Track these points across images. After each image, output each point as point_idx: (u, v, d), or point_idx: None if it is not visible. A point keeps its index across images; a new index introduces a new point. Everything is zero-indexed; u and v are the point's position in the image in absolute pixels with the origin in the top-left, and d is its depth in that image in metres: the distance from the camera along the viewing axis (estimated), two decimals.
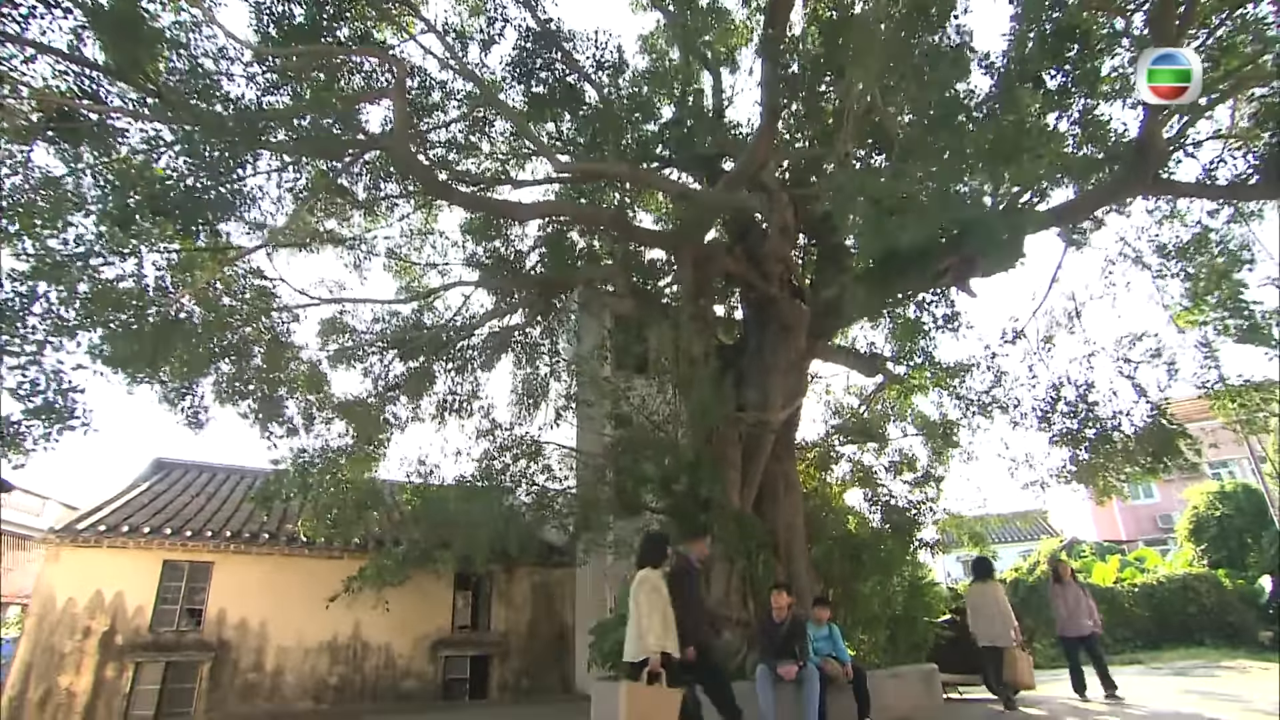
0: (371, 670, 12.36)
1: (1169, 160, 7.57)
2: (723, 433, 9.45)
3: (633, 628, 5.75)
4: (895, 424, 12.47)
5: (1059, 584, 9.48)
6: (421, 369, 13.27)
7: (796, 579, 9.10)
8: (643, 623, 5.63)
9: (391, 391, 13.13)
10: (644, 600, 5.73)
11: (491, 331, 14.01)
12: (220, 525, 12.26)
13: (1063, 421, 10.16)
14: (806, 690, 7.04)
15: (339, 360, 12.70)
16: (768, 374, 9.64)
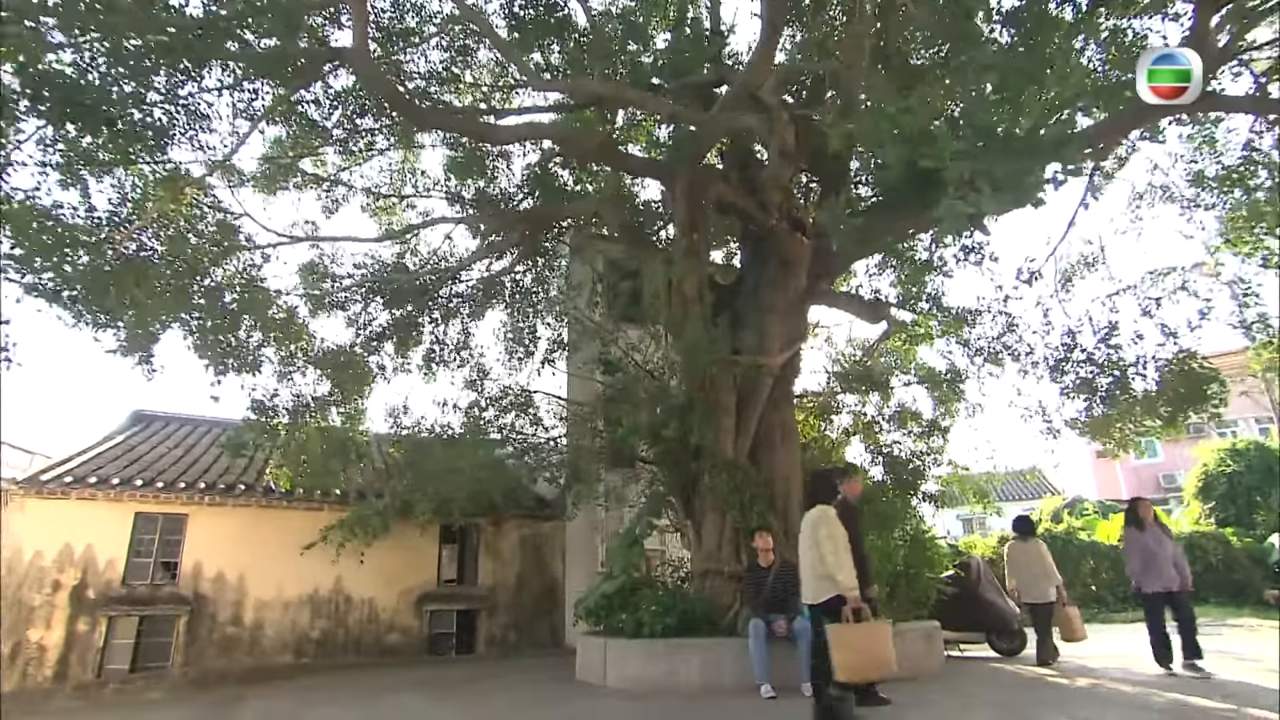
0: (355, 624, 12.02)
1: (1217, 71, 6.81)
2: (716, 377, 8.86)
3: (816, 567, 5.39)
4: (899, 375, 11.90)
5: (1137, 528, 7.88)
6: (406, 317, 12.69)
7: (794, 534, 8.60)
8: (829, 560, 5.29)
9: (375, 340, 12.56)
10: (827, 537, 5.38)
11: (480, 278, 13.39)
12: (195, 476, 11.78)
13: (1077, 370, 9.56)
14: (801, 646, 6.57)
15: (319, 307, 12.10)
16: (765, 315, 9.02)
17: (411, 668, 11.10)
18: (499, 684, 8.66)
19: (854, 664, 5.17)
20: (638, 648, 7.50)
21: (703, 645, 7.21)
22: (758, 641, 6.62)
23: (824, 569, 5.35)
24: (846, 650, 5.17)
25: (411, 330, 12.92)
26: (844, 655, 5.18)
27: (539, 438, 11.81)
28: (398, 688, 8.88)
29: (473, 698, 7.68)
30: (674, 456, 8.84)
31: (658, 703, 6.64)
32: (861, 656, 5.14)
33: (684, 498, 9.05)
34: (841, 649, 5.20)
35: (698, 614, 7.62)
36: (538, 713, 6.69)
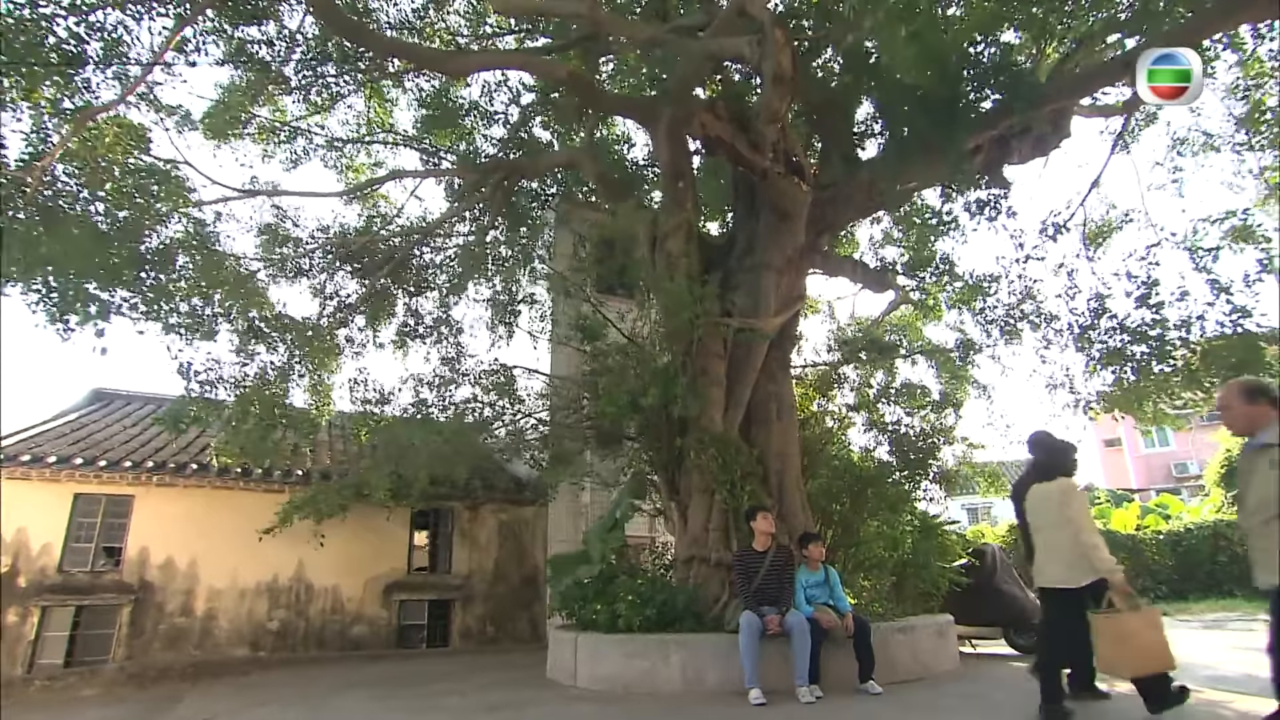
0: (317, 615, 11.14)
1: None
2: (705, 342, 7.93)
3: (1071, 547, 4.51)
4: (909, 348, 10.95)
5: None
6: (377, 288, 11.76)
7: (790, 516, 7.70)
8: (1084, 538, 4.47)
9: (344, 311, 11.64)
10: (1079, 512, 4.56)
11: (458, 246, 12.45)
12: (146, 455, 10.87)
13: (1106, 338, 8.60)
14: (796, 645, 5.66)
15: (280, 273, 11.16)
16: (760, 273, 8.07)
17: (376, 662, 10.25)
18: (460, 683, 7.77)
19: (1128, 658, 4.27)
20: (612, 643, 6.60)
21: (685, 641, 6.31)
22: (748, 638, 5.71)
23: (1080, 549, 4.47)
24: (1119, 643, 4.29)
25: (384, 301, 12.00)
26: (1116, 649, 4.32)
27: (519, 412, 10.88)
28: (349, 686, 8.01)
29: (424, 700, 6.79)
30: (656, 431, 7.92)
31: (630, 707, 5.75)
32: (1138, 649, 4.23)
33: (668, 477, 8.14)
34: (1113, 641, 4.32)
35: (680, 606, 6.72)
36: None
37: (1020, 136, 8.24)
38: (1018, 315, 9.58)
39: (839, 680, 5.91)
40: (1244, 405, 3.19)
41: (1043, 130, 7.75)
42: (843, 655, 5.97)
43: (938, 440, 8.89)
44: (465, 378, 11.19)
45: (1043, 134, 8.13)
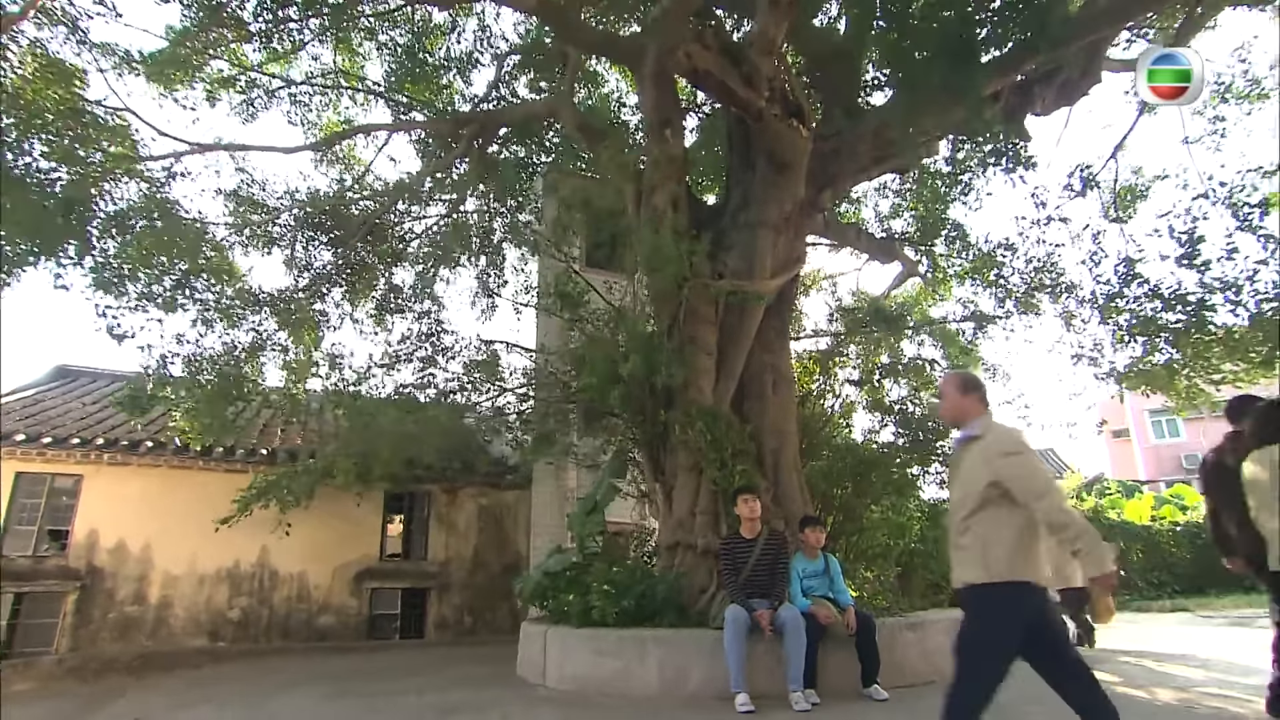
0: (281, 603, 10.43)
1: None
2: (693, 307, 7.17)
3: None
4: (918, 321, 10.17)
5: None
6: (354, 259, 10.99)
7: (786, 499, 6.95)
8: None
9: (319, 283, 10.88)
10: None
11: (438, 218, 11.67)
12: (96, 433, 10.13)
13: (1135, 307, 7.82)
14: (790, 643, 4.92)
15: (249, 243, 10.39)
16: (755, 231, 7.29)
17: (343, 654, 9.55)
18: (422, 680, 7.07)
19: None
20: (583, 639, 5.86)
21: (665, 637, 5.57)
22: (734, 635, 4.97)
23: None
24: None
25: (361, 273, 11.22)
26: None
27: (501, 388, 10.12)
28: (304, 681, 7.33)
29: (378, 698, 6.08)
30: (638, 404, 7.15)
31: (597, 713, 5.02)
32: None
33: (652, 455, 7.40)
34: None
35: (661, 597, 5.97)
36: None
37: (1045, 82, 7.44)
38: (1036, 285, 8.78)
39: (839, 684, 5.17)
40: (957, 396, 3.10)
41: (1071, 72, 6.94)
42: (843, 655, 5.22)
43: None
44: (446, 354, 10.46)
45: (1069, 78, 7.32)
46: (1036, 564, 2.83)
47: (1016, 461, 2.81)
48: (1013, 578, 2.79)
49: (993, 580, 2.81)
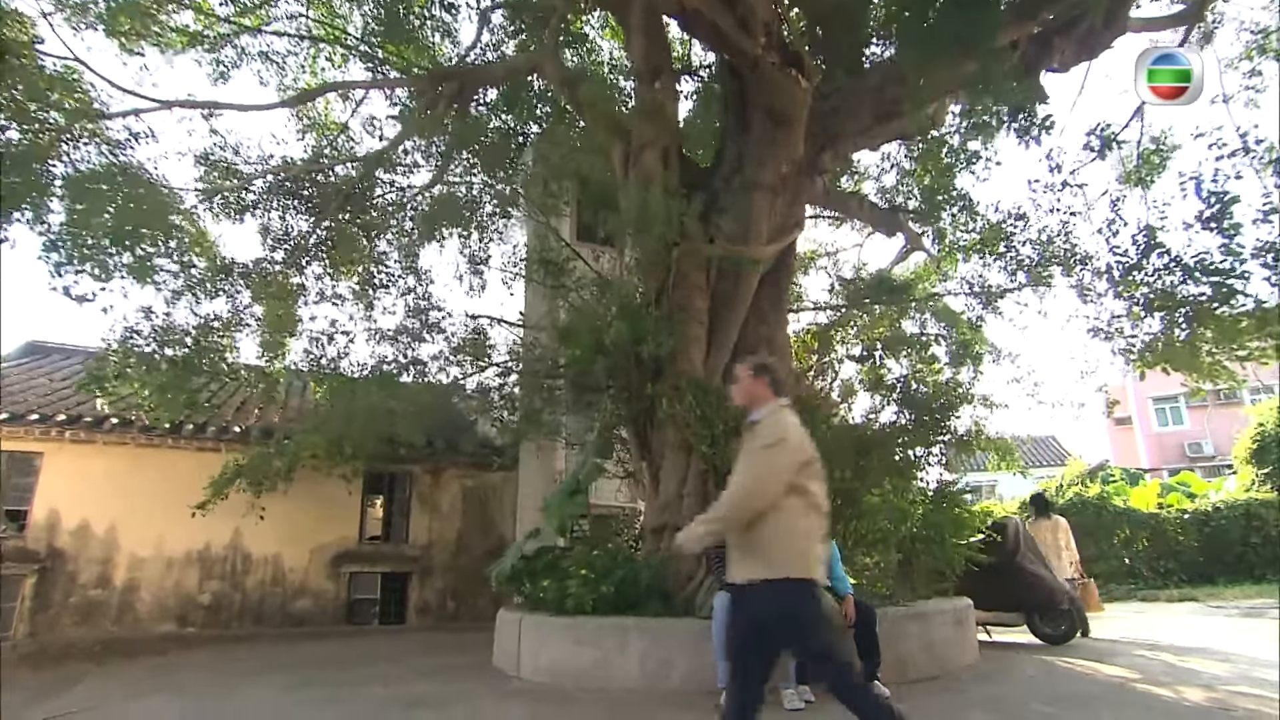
0: (255, 587, 10.00)
1: None
2: (684, 273, 6.68)
3: None
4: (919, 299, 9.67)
5: None
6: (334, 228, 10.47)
7: None
8: None
9: (297, 255, 10.37)
10: None
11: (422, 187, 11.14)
12: (59, 409, 9.65)
13: (1154, 280, 7.33)
14: None
15: (223, 211, 9.87)
16: (750, 193, 6.78)
17: (318, 641, 9.13)
18: (395, 668, 6.64)
19: None
20: (560, 628, 5.43)
21: (647, 627, 5.13)
22: (722, 626, 4.52)
23: None
24: None
25: (342, 244, 10.69)
26: None
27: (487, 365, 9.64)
28: (270, 669, 6.91)
29: (342, 689, 5.65)
30: (624, 376, 6.67)
31: (571, 709, 4.58)
32: None
33: (638, 432, 6.92)
34: None
35: (644, 584, 5.52)
36: (402, 718, 4.63)
37: (1064, 33, 6.90)
38: (1048, 256, 8.28)
39: None
40: (748, 379, 3.04)
41: (1094, 19, 6.41)
42: (843, 649, 4.77)
43: (954, 398, 7.63)
44: (431, 329, 10.00)
45: (1092, 28, 6.79)
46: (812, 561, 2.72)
47: (757, 456, 2.75)
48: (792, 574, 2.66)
49: (774, 577, 2.67)
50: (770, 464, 2.74)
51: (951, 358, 8.18)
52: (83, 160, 8.46)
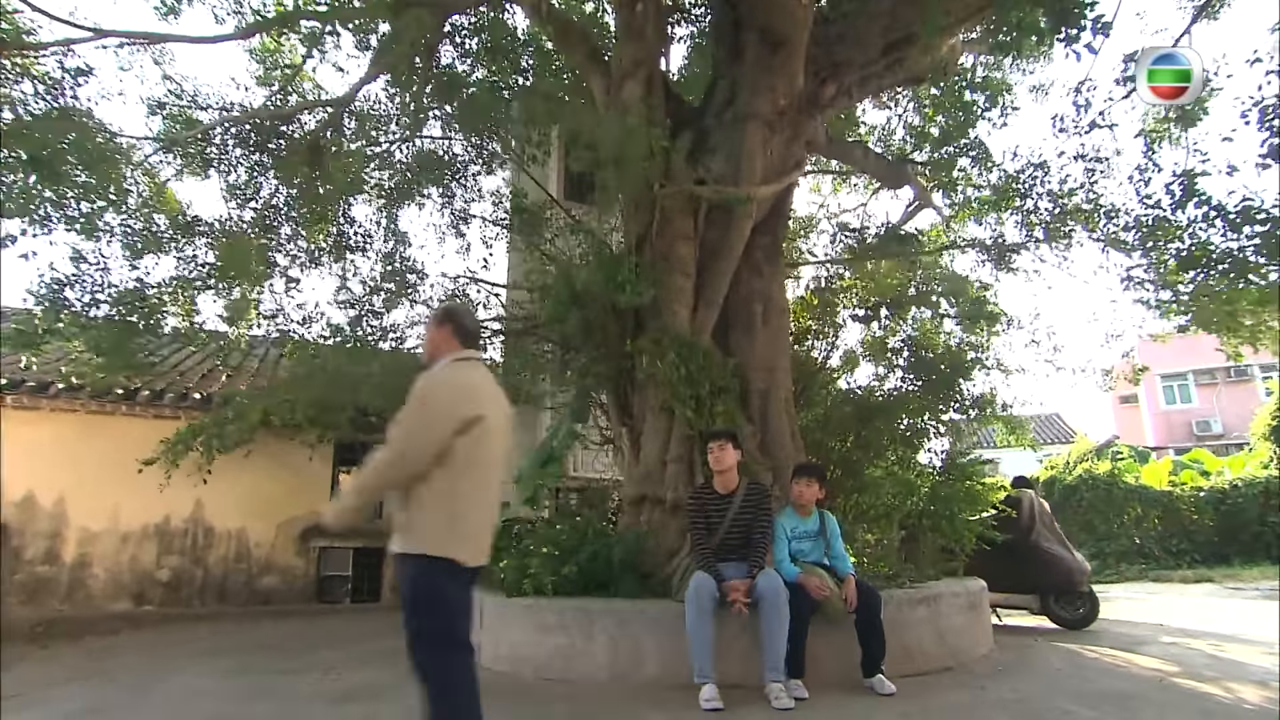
0: (217, 563, 9.41)
1: None
2: (668, 218, 5.98)
3: None
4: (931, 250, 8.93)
5: None
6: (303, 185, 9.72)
7: (775, 447, 5.83)
8: None
9: (263, 213, 9.64)
10: None
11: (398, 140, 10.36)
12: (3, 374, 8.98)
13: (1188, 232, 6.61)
14: (769, 620, 3.84)
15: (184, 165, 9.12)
16: (744, 126, 6.04)
17: (282, 620, 8.56)
18: (345, 653, 6.06)
19: None
20: (520, 611, 4.79)
21: (618, 611, 4.49)
22: (699, 611, 3.89)
23: None
24: None
25: (313, 204, 9.94)
26: None
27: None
28: (218, 652, 6.35)
29: (277, 678, 5.04)
30: (602, 331, 5.99)
31: (524, 707, 3.95)
32: None
33: (618, 394, 6.26)
34: None
35: (616, 562, 4.88)
36: (325, 714, 4.03)
37: None
38: (1071, 209, 7.55)
39: (833, 673, 4.11)
40: (434, 329, 2.69)
41: None
42: (840, 637, 4.15)
43: (966, 362, 6.96)
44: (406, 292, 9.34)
45: None
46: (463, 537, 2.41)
47: (407, 413, 2.38)
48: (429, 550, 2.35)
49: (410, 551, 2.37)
50: (420, 421, 2.38)
51: (963, 319, 7.48)
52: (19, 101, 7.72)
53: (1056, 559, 6.76)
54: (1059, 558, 6.77)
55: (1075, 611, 6.81)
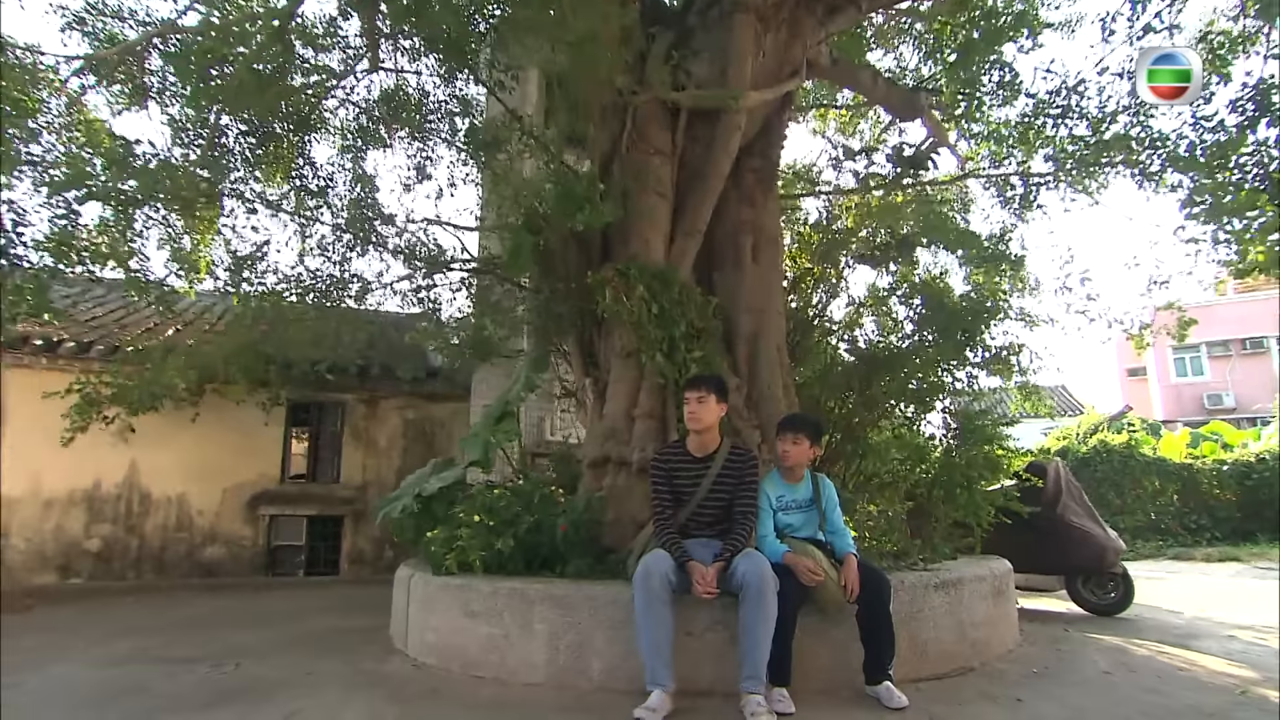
0: (155, 532, 8.58)
1: None
2: (642, 130, 5.01)
3: None
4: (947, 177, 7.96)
5: None
6: (255, 122, 8.69)
7: (764, 403, 4.93)
8: None
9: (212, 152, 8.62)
10: None
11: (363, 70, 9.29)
12: None
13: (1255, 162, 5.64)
14: (749, 612, 2.95)
15: (118, 95, 8.08)
16: (732, 21, 5.04)
17: (222, 594, 7.75)
18: (262, 636, 5.20)
19: None
20: (450, 592, 3.92)
21: (559, 595, 3.59)
22: (650, 598, 3.00)
23: None
24: None
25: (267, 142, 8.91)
26: None
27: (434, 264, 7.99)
28: (119, 635, 5.48)
29: (168, 668, 4.18)
30: (564, 265, 5.05)
31: (442, 711, 3.09)
32: None
33: (582, 339, 5.34)
34: None
35: (564, 537, 3.99)
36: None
37: None
38: (1114, 139, 6.54)
39: (827, 679, 3.24)
40: None
41: None
42: (837, 634, 3.27)
43: (987, 308, 6.01)
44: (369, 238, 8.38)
45: None
46: None
47: None
48: None
49: None
50: None
51: (983, 261, 6.53)
52: None
53: (1087, 535, 5.89)
54: (1090, 534, 5.90)
55: (1106, 595, 5.96)
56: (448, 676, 3.73)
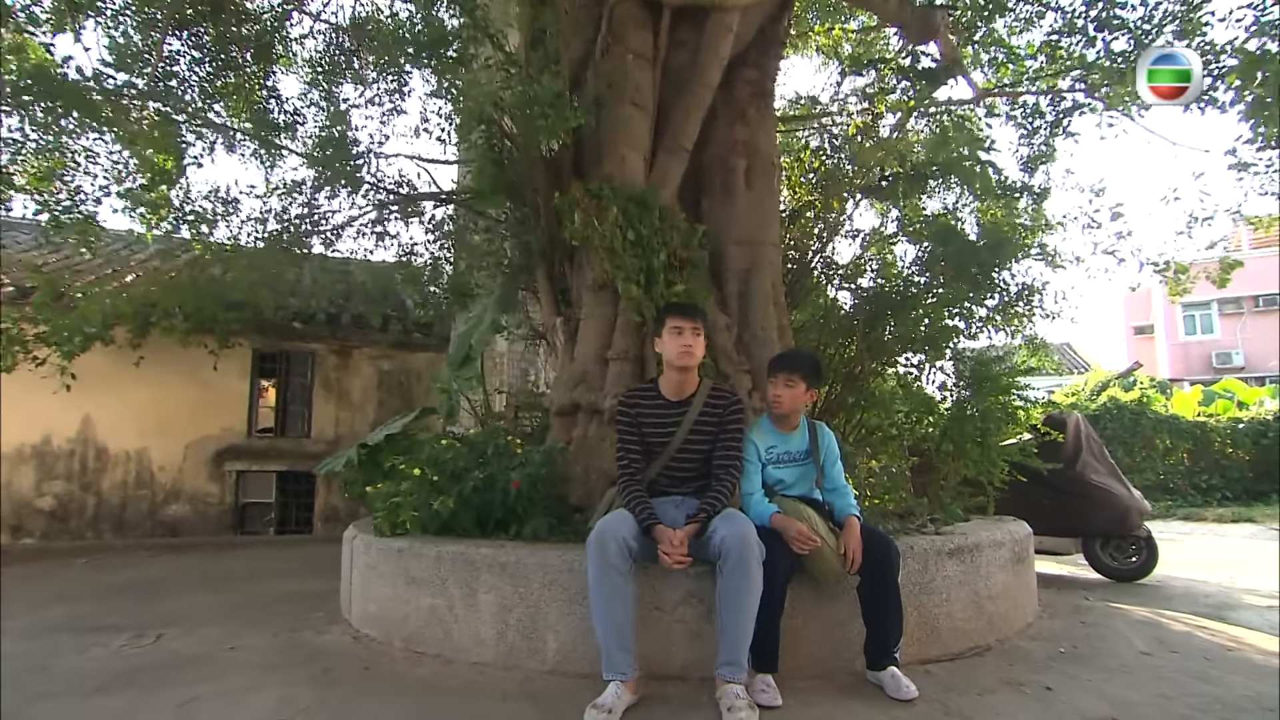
0: (113, 489, 8.10)
1: None
2: (619, 33, 4.34)
3: None
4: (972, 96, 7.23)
5: None
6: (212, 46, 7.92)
7: (757, 345, 4.35)
8: None
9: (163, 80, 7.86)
10: None
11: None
12: None
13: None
14: (729, 585, 2.40)
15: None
16: None
17: (183, 554, 7.31)
18: (201, 603, 4.75)
19: None
20: (391, 557, 3.41)
21: (509, 563, 3.05)
22: (603, 569, 2.45)
23: None
24: None
25: (226, 70, 8.14)
26: None
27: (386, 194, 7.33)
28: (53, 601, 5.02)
29: (69, 647, 3.69)
30: (532, 189, 4.42)
31: (365, 704, 2.59)
32: None
33: (551, 273, 4.74)
34: None
35: (516, 494, 3.45)
36: (60, 711, 2.67)
37: None
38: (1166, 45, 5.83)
39: (820, 662, 2.73)
40: None
41: None
42: (835, 611, 2.76)
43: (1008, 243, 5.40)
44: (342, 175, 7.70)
45: None
46: None
47: None
48: None
49: None
50: None
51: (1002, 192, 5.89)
52: None
53: (1109, 494, 5.39)
54: (1112, 493, 5.40)
55: (1127, 560, 5.49)
56: (386, 653, 3.24)
